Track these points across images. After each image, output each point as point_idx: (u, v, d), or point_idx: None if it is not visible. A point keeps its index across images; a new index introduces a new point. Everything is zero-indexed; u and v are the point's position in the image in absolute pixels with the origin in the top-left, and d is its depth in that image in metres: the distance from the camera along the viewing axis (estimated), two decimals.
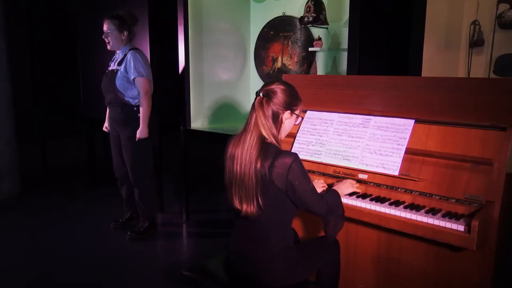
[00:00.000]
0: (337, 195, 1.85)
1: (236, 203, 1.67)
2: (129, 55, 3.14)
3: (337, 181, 2.07)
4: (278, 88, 1.67)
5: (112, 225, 3.57)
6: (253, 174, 1.60)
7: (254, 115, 1.65)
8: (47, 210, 4.05)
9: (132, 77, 3.13)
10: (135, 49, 3.22)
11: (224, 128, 3.61)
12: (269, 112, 1.65)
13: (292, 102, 1.70)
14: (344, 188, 1.99)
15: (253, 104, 1.68)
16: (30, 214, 4.00)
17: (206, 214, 3.99)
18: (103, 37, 3.17)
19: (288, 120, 1.72)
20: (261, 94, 1.67)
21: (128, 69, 3.13)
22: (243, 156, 1.62)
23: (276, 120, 1.67)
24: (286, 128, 1.74)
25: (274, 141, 1.64)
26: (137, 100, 3.20)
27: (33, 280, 2.77)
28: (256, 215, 1.64)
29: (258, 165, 1.59)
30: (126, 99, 3.17)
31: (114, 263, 2.99)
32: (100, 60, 3.42)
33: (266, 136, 1.63)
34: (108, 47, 3.20)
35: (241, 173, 1.63)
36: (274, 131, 1.66)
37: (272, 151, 1.61)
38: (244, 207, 1.64)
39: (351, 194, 2.01)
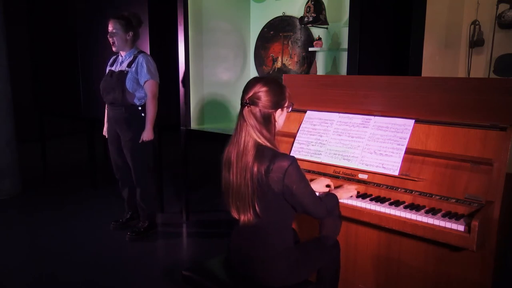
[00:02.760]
0: (334, 197, 1.86)
1: (234, 213, 1.68)
2: (140, 58, 3.17)
3: (337, 187, 2.07)
4: (261, 92, 1.60)
5: (112, 225, 3.57)
6: (249, 180, 1.58)
7: (245, 124, 1.60)
8: (47, 210, 4.05)
9: (144, 80, 3.15)
10: (144, 52, 3.26)
11: (224, 128, 3.61)
12: (259, 117, 1.60)
13: (279, 99, 1.64)
14: (343, 192, 1.99)
15: (241, 113, 1.62)
16: (30, 214, 4.00)
17: (206, 214, 3.99)
18: (108, 37, 3.17)
19: (281, 116, 1.68)
20: (246, 103, 1.61)
21: (140, 72, 3.15)
22: (238, 165, 1.60)
23: (269, 121, 1.63)
24: (280, 124, 1.70)
25: (269, 144, 1.61)
26: (142, 101, 3.22)
27: (33, 280, 2.77)
28: (254, 223, 1.64)
29: (255, 170, 1.57)
30: (134, 100, 3.19)
31: (114, 263, 2.99)
32: (100, 60, 3.42)
33: (261, 142, 1.60)
34: (114, 49, 3.20)
35: (237, 182, 1.61)
36: (268, 135, 1.62)
37: (268, 154, 1.57)
38: (242, 217, 1.65)
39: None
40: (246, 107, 1.61)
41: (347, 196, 1.98)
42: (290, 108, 1.74)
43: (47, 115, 5.37)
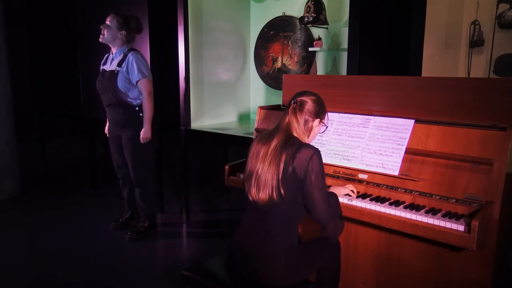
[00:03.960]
0: (334, 196, 1.89)
1: (253, 193, 1.72)
2: (130, 57, 3.13)
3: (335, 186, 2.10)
4: (309, 99, 1.83)
5: (112, 225, 3.57)
6: (276, 163, 1.68)
7: (287, 119, 1.81)
8: (47, 210, 4.05)
9: (136, 79, 3.12)
10: (134, 50, 3.22)
11: (224, 128, 3.61)
12: (301, 119, 1.80)
13: (320, 111, 1.85)
14: (341, 188, 2.04)
15: (286, 110, 1.83)
16: (30, 214, 3.99)
17: (206, 214, 3.99)
18: (100, 26, 3.14)
19: (316, 127, 1.86)
20: (294, 103, 1.82)
21: (131, 71, 3.12)
22: (269, 153, 1.72)
23: (307, 125, 1.82)
24: (314, 134, 1.87)
25: (300, 138, 1.78)
26: (138, 101, 3.20)
27: (33, 280, 2.77)
28: (270, 204, 1.68)
29: (283, 156, 1.68)
30: (128, 100, 3.17)
31: (114, 263, 2.99)
32: (100, 60, 3.41)
33: (295, 135, 1.77)
34: (100, 39, 3.16)
35: (263, 167, 1.71)
36: (304, 131, 1.81)
37: (297, 142, 1.73)
38: (262, 195, 1.69)
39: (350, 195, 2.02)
40: (293, 105, 1.82)
41: (344, 192, 2.02)
42: (325, 128, 1.91)
43: (47, 115, 5.36)
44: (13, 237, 3.47)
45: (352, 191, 2.04)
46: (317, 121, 1.84)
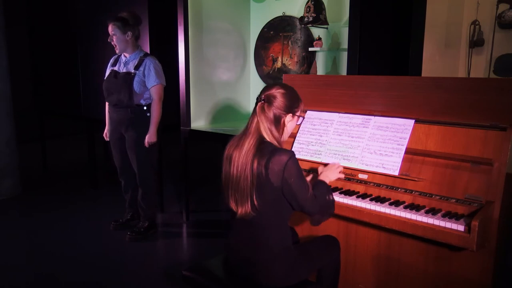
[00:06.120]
0: (323, 184, 1.82)
1: (232, 205, 1.69)
2: (147, 61, 3.18)
3: (322, 167, 2.03)
4: (278, 93, 1.69)
5: (112, 225, 3.57)
6: (249, 174, 1.60)
7: (256, 119, 1.67)
8: (47, 210, 4.05)
9: (152, 84, 3.17)
10: (150, 55, 3.27)
11: (224, 128, 3.61)
12: (271, 117, 1.67)
13: (293, 105, 1.72)
14: (331, 174, 1.96)
15: (254, 109, 1.70)
16: (30, 214, 4.00)
17: (206, 214, 3.99)
18: (109, 40, 3.18)
19: (290, 122, 1.75)
20: (262, 100, 1.68)
21: (147, 75, 3.16)
22: (241, 159, 1.63)
23: (278, 123, 1.70)
24: (288, 130, 1.77)
25: (274, 142, 1.66)
26: (148, 101, 3.24)
27: (33, 280, 2.77)
28: (252, 216, 1.64)
29: (255, 164, 1.60)
30: (141, 101, 3.21)
31: (114, 263, 2.99)
32: (100, 60, 3.42)
33: (268, 139, 1.65)
34: (116, 51, 3.22)
35: (237, 175, 1.64)
36: (276, 134, 1.68)
37: (268, 149, 1.62)
38: (239, 209, 1.65)
39: (351, 194, 2.01)
40: (261, 103, 1.68)
41: (335, 178, 1.96)
42: (301, 120, 1.80)
43: (47, 115, 5.36)
44: (13, 237, 3.47)
45: (340, 173, 1.98)
46: (289, 116, 1.71)
